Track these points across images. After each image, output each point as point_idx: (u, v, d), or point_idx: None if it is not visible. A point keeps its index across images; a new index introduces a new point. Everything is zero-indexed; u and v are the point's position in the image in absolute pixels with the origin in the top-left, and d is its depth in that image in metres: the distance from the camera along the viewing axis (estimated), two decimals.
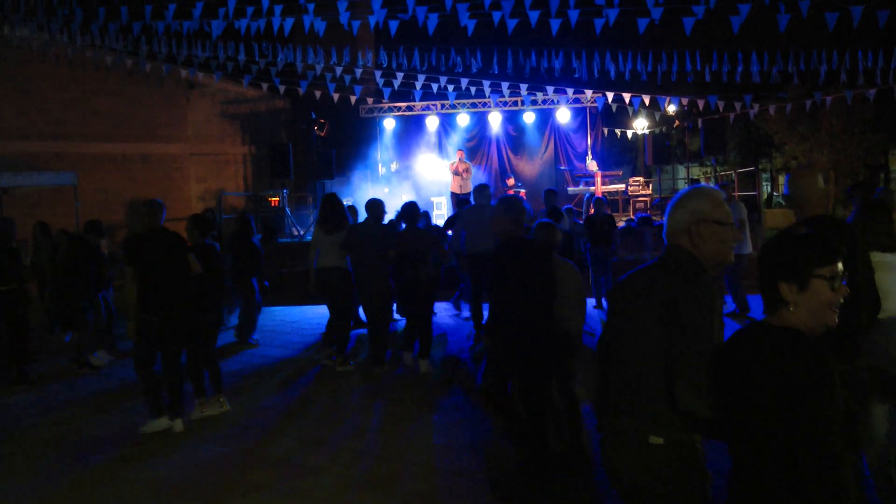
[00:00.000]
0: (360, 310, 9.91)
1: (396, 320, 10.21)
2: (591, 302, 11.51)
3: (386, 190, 18.78)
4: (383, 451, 5.62)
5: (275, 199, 17.66)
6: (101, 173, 16.65)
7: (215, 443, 5.99)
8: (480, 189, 9.20)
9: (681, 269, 2.50)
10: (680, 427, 2.43)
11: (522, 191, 18.17)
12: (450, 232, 10.95)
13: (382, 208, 8.15)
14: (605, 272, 11.19)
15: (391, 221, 9.48)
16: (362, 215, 8.66)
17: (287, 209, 17.61)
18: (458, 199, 15.14)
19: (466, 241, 8.91)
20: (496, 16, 9.71)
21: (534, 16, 9.58)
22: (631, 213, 17.59)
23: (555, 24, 9.67)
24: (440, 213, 17.41)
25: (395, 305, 9.36)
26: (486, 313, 5.80)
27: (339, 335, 8.30)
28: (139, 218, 6.54)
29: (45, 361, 9.32)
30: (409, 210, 8.15)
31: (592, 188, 17.31)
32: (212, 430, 6.33)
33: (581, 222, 11.83)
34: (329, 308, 8.45)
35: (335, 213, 8.27)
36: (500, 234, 5.02)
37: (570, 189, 18.39)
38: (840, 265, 2.12)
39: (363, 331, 9.72)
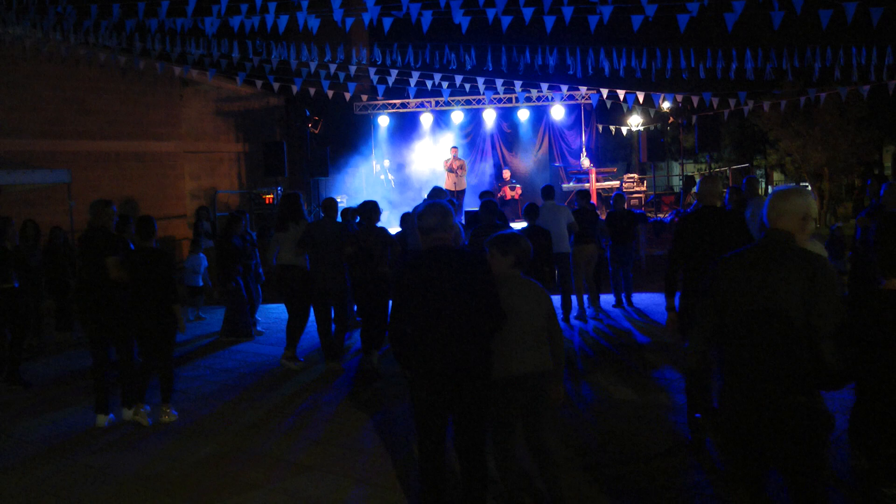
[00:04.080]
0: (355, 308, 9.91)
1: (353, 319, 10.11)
2: (609, 299, 11.50)
3: (388, 176, 18.82)
4: (377, 448, 5.62)
5: (269, 197, 17.64)
6: (94, 171, 16.58)
7: (209, 440, 5.99)
8: (435, 193, 9.00)
9: (798, 249, 3.01)
10: (817, 385, 2.92)
11: (518, 186, 18.18)
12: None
13: (336, 207, 8.40)
14: (625, 269, 11.16)
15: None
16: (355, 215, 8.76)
17: None
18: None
19: (410, 242, 8.89)
20: (490, 13, 9.70)
21: (528, 13, 9.56)
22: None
23: (549, 21, 9.66)
24: None
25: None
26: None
27: (291, 333, 8.42)
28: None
29: (37, 360, 9.31)
30: (366, 208, 8.10)
31: (587, 185, 17.32)
32: (205, 427, 6.33)
33: (602, 219, 11.78)
34: (286, 306, 8.53)
35: (284, 210, 8.50)
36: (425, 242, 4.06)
37: (565, 186, 18.39)
38: None
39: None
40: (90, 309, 6.46)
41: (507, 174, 18.56)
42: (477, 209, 9.32)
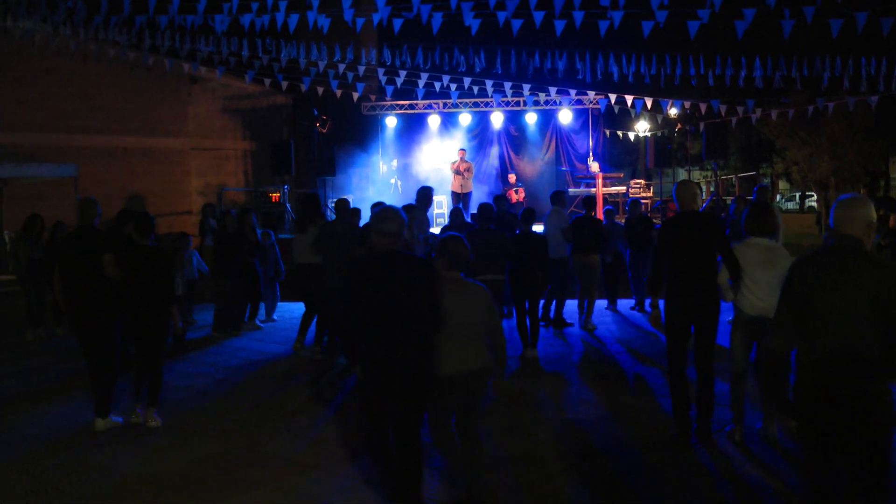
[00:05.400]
0: None
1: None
2: (628, 303, 11.52)
3: (397, 182, 18.86)
4: None
5: (275, 195, 17.64)
6: (101, 166, 16.63)
7: (211, 438, 5.98)
8: (424, 193, 8.98)
9: (867, 253, 3.35)
10: (887, 375, 3.23)
11: (521, 188, 18.14)
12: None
13: (348, 208, 8.71)
14: (642, 274, 11.14)
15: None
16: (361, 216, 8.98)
17: (287, 205, 17.58)
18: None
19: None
20: (501, 16, 9.71)
21: (538, 16, 9.56)
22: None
23: (559, 25, 9.67)
24: (440, 212, 17.40)
25: None
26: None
27: (306, 325, 8.95)
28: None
29: (40, 354, 9.32)
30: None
31: (593, 190, 17.30)
32: (208, 426, 6.32)
33: (621, 224, 11.75)
34: (304, 303, 8.98)
35: (303, 211, 9.04)
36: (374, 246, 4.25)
37: (571, 190, 18.36)
38: None
39: None
40: (81, 309, 6.20)
41: (512, 178, 18.52)
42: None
